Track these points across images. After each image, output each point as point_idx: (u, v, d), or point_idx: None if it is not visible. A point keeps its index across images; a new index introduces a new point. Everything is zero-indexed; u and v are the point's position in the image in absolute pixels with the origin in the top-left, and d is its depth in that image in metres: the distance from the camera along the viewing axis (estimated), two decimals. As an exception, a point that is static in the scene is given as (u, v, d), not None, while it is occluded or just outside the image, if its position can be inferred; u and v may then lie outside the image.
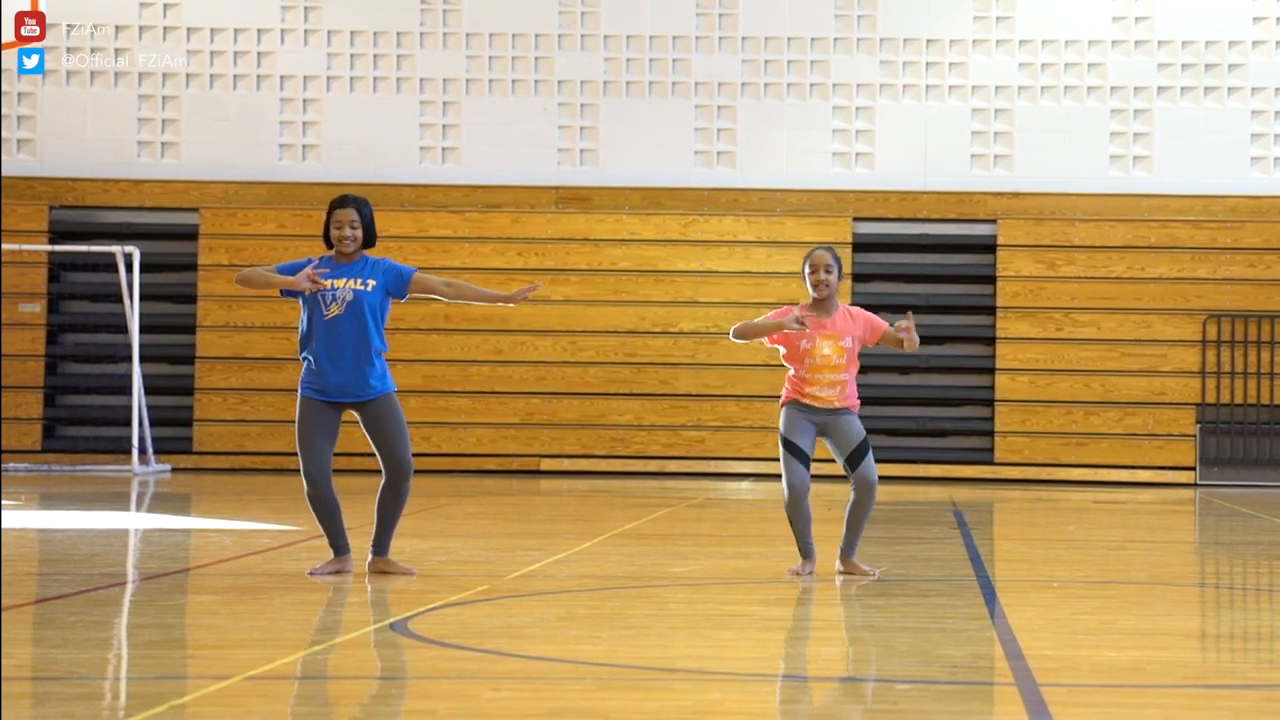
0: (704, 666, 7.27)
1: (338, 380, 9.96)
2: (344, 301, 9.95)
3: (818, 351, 10.31)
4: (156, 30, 24.68)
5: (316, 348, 9.98)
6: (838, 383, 10.31)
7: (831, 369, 10.31)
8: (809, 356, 10.32)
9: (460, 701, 6.49)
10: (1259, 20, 24.40)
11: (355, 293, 9.96)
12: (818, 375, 10.31)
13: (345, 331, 9.94)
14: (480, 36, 24.72)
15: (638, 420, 24.39)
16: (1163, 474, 23.95)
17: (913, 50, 24.56)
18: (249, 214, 24.19)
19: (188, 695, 6.49)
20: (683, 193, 24.55)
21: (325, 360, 9.96)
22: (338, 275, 10.00)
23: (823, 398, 10.32)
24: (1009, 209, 24.40)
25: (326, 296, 9.96)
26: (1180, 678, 7.21)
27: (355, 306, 9.95)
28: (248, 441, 24.38)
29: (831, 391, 10.31)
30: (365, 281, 9.99)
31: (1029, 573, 11.59)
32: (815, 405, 10.35)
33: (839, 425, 10.37)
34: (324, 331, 9.96)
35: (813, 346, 10.32)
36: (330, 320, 9.94)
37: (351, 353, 9.95)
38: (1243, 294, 24.19)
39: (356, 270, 10.04)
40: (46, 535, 13.23)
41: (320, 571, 10.12)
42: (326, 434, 10.04)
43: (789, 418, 10.41)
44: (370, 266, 10.07)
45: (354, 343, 9.95)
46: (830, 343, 10.32)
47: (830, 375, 10.31)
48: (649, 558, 11.99)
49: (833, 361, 10.30)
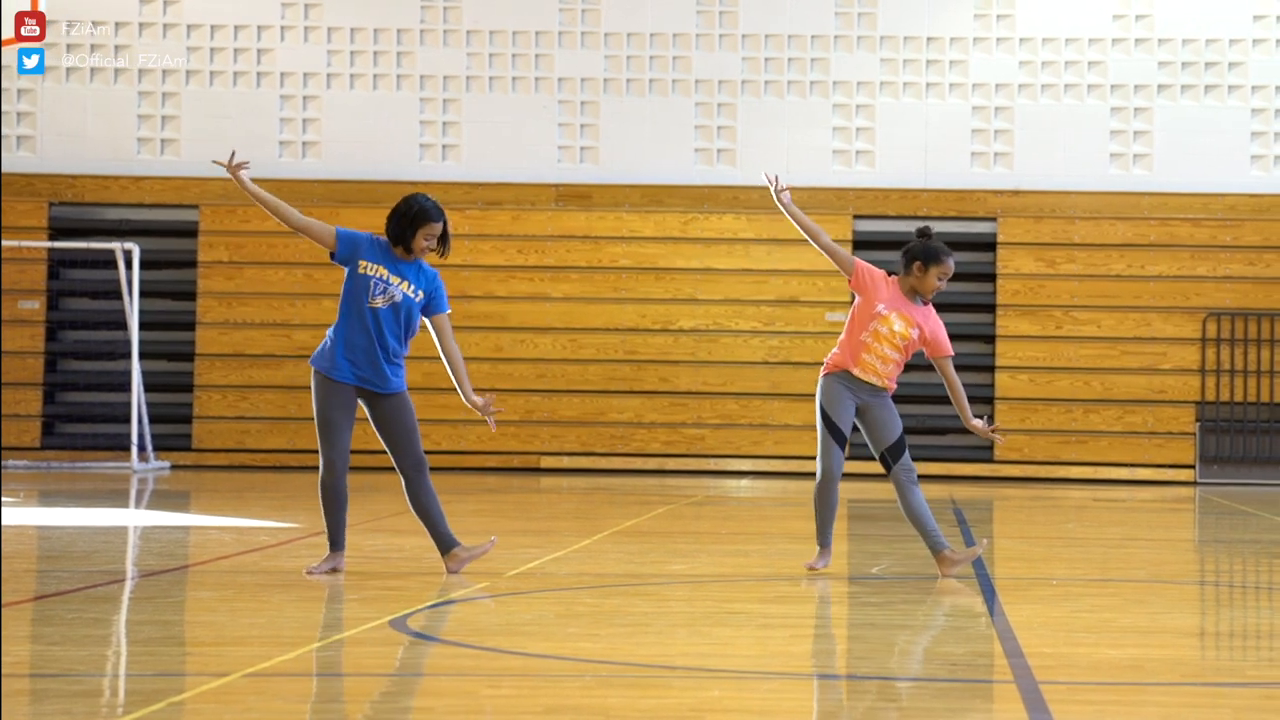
0: (703, 664, 7.26)
1: (352, 366, 9.96)
2: (391, 299, 9.95)
3: (889, 322, 10.26)
4: (156, 27, 24.68)
5: (345, 327, 9.96)
6: (891, 360, 10.26)
7: (892, 345, 10.25)
8: (879, 322, 10.26)
9: (459, 699, 6.48)
10: (1259, 18, 24.39)
11: (405, 296, 9.97)
12: (878, 344, 10.24)
13: (380, 325, 9.94)
14: (481, 34, 24.72)
15: (637, 418, 24.39)
16: (1162, 472, 23.95)
17: (913, 48, 24.56)
18: (249, 211, 24.17)
19: (186, 692, 6.49)
20: (683, 190, 24.55)
21: (343, 343, 9.95)
22: (395, 271, 9.99)
23: (873, 369, 10.27)
24: (1009, 207, 24.40)
25: (376, 285, 9.94)
26: (1179, 675, 7.21)
27: (398, 307, 9.96)
28: (247, 439, 24.37)
29: (884, 368, 10.27)
30: (416, 290, 10.00)
31: (1028, 570, 11.59)
32: (862, 379, 10.29)
33: (878, 410, 10.33)
34: (359, 317, 9.95)
35: (887, 314, 10.26)
36: (371, 309, 9.95)
37: (377, 346, 9.94)
38: (1242, 292, 24.19)
39: (412, 274, 10.03)
40: (45, 532, 13.23)
41: (317, 570, 10.11)
42: (350, 423, 10.00)
43: (832, 390, 10.33)
44: (423, 276, 10.06)
45: (383, 338, 9.95)
46: (904, 323, 10.26)
47: (888, 350, 10.25)
48: (648, 555, 11.99)
49: (895, 341, 10.24)
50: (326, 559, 10.17)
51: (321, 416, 9.99)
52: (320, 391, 10.00)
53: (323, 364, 10.00)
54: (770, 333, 24.39)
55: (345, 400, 10.00)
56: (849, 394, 10.32)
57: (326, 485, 10.06)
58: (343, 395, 9.99)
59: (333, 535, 10.17)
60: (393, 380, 10.03)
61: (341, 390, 9.99)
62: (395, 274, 9.99)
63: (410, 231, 9.99)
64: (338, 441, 10.00)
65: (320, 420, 10.00)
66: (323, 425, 9.99)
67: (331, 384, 9.98)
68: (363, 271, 9.96)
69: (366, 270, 9.96)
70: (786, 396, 24.15)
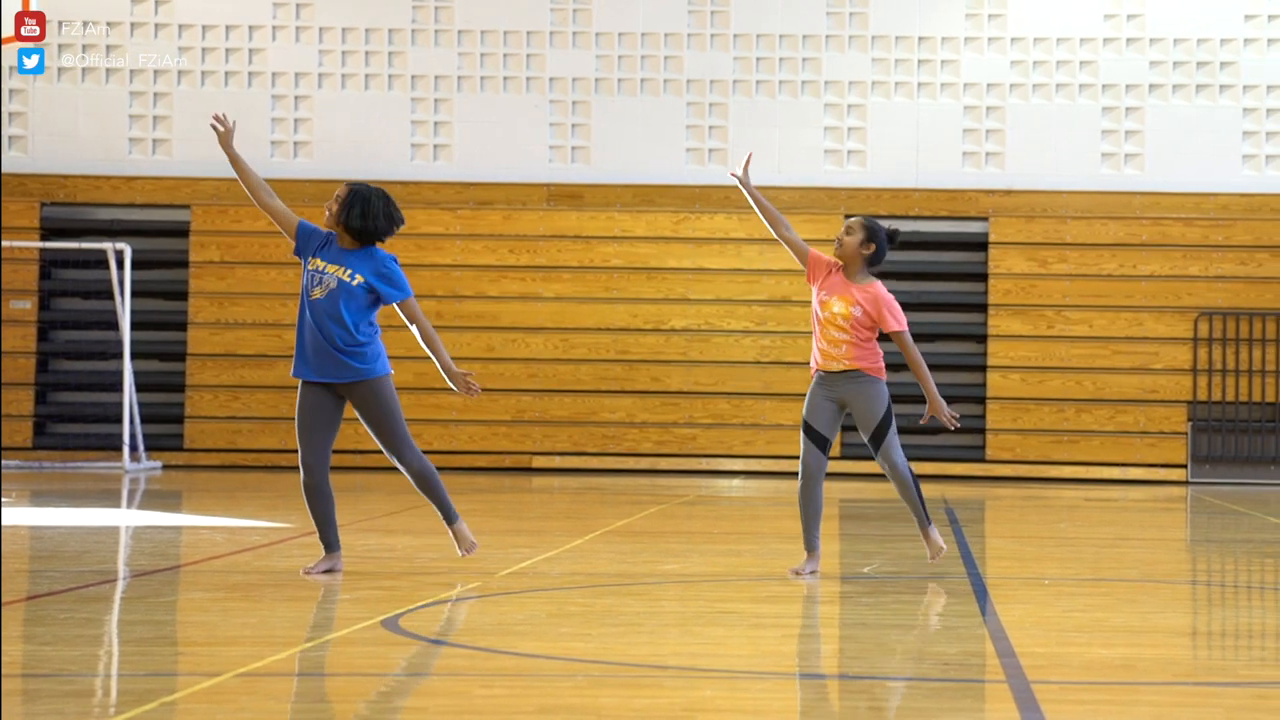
0: (695, 664, 7.26)
1: (309, 360, 9.96)
2: (326, 287, 9.94)
3: (829, 305, 10.38)
4: (148, 27, 24.66)
5: (298, 327, 10.01)
6: (841, 341, 10.33)
7: (837, 327, 10.32)
8: (821, 308, 10.42)
9: (451, 699, 6.48)
10: (1250, 18, 24.41)
11: (340, 281, 9.94)
12: (826, 329, 10.37)
13: (318, 316, 9.92)
14: (472, 33, 24.71)
15: (629, 418, 24.39)
16: (1154, 472, 23.96)
17: (904, 48, 24.56)
18: (240, 211, 24.16)
19: (178, 692, 6.48)
20: (674, 190, 24.55)
21: (298, 341, 10.01)
22: (334, 260, 9.99)
23: (830, 355, 10.37)
24: (1000, 206, 24.41)
25: (313, 277, 9.96)
26: (1171, 675, 7.21)
27: (334, 294, 9.92)
28: (239, 438, 24.36)
29: (838, 350, 10.34)
30: (354, 274, 9.95)
31: (1020, 570, 11.59)
32: (829, 370, 10.36)
33: (858, 396, 10.39)
34: (303, 312, 9.98)
35: (829, 299, 10.36)
36: (313, 301, 9.95)
37: (321, 337, 9.91)
38: (1234, 292, 24.20)
39: (354, 261, 10.00)
40: (37, 532, 13.22)
41: (314, 570, 10.11)
42: (324, 422, 10.00)
43: (810, 397, 10.47)
44: (370, 261, 10.01)
45: (324, 329, 9.91)
46: (843, 303, 10.33)
47: (835, 333, 10.32)
48: (640, 555, 11.99)
49: (838, 322, 10.30)
50: (323, 560, 10.17)
51: (298, 420, 10.04)
52: (299, 397, 10.05)
53: (295, 369, 10.06)
54: (762, 332, 24.39)
55: (316, 400, 9.99)
56: (823, 396, 10.43)
57: (307, 487, 10.07)
58: (312, 395, 9.99)
59: (323, 536, 10.16)
60: (355, 368, 9.95)
61: (310, 391, 9.99)
62: (334, 263, 9.96)
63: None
64: (311, 443, 10.00)
65: (297, 424, 10.05)
66: (298, 428, 10.04)
67: (306, 387, 10.02)
68: (309, 268, 10.01)
69: (310, 266, 10.01)
70: (778, 396, 24.16)
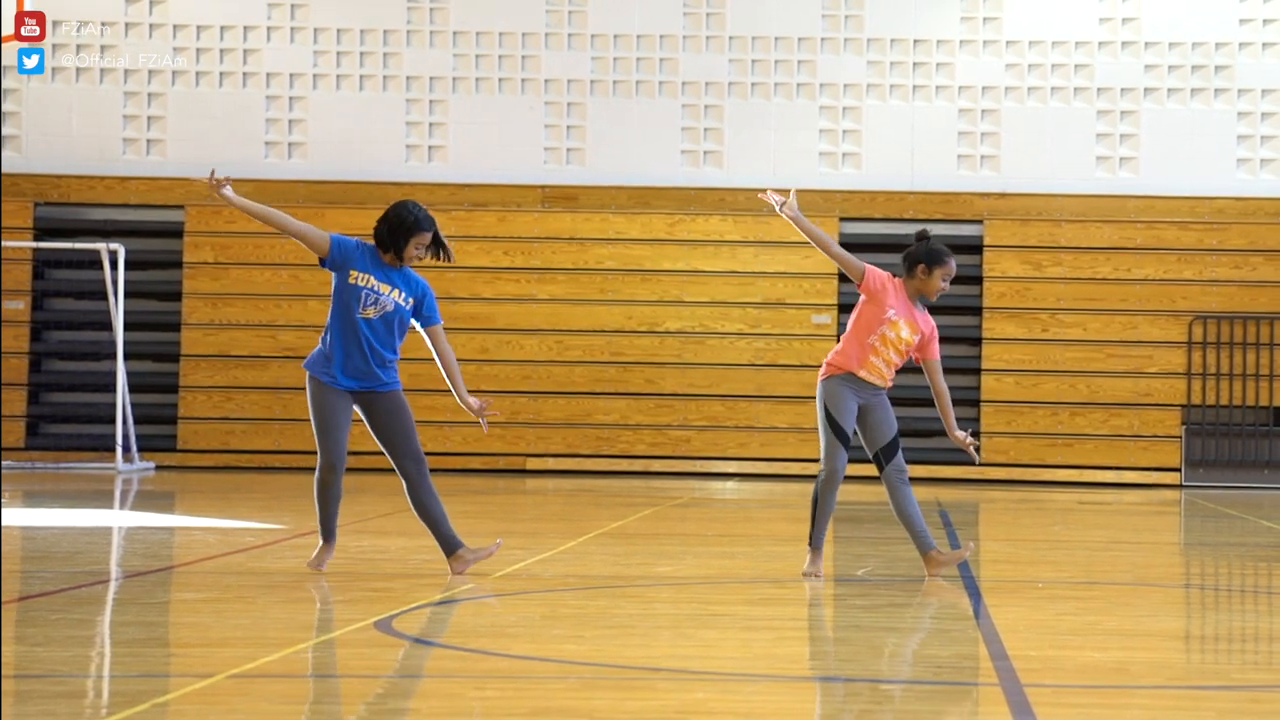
0: (688, 666, 7.26)
1: (348, 374, 9.98)
2: (382, 309, 9.96)
3: (898, 327, 10.32)
4: (143, 27, 24.64)
5: (340, 338, 9.97)
6: (894, 364, 10.38)
7: (898, 351, 10.33)
8: (888, 327, 10.32)
9: (444, 700, 6.47)
10: (1245, 22, 24.42)
11: (396, 305, 9.98)
12: (885, 349, 10.32)
13: (372, 335, 9.96)
14: (467, 35, 24.71)
15: (623, 419, 24.38)
16: (1148, 475, 23.97)
17: (900, 50, 24.57)
18: (234, 211, 23.96)
19: (171, 693, 6.47)
20: (669, 192, 24.54)
21: (341, 352, 9.96)
22: (384, 279, 10.00)
23: (878, 372, 10.36)
24: (995, 210, 24.41)
25: (366, 295, 9.95)
26: (1164, 679, 7.21)
27: (389, 317, 9.98)
28: (232, 439, 24.34)
29: (888, 371, 10.38)
30: (407, 297, 10.02)
31: (1014, 573, 11.59)
32: (867, 380, 10.36)
33: (877, 410, 10.42)
34: (352, 328, 9.95)
35: (897, 320, 10.32)
36: (364, 319, 9.95)
37: (370, 356, 9.97)
38: (1228, 295, 24.21)
39: (401, 281, 10.04)
40: (30, 533, 13.20)
41: (322, 563, 10.22)
42: (345, 422, 10.08)
43: (836, 393, 10.38)
44: (413, 284, 10.08)
45: (376, 348, 9.97)
46: (910, 329, 10.33)
47: (894, 355, 10.33)
48: (634, 557, 11.98)
49: (900, 346, 10.32)
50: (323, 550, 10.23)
51: (321, 419, 10.03)
52: (318, 396, 10.03)
53: (320, 372, 10.01)
54: (756, 335, 24.39)
55: (343, 405, 10.07)
56: (852, 394, 10.38)
57: (326, 485, 10.10)
58: (341, 400, 10.04)
59: (326, 526, 10.23)
60: (387, 380, 10.08)
61: (340, 396, 10.03)
62: (385, 282, 10.00)
63: (403, 240, 10.00)
64: (338, 442, 10.06)
65: (320, 423, 10.03)
66: (322, 428, 10.02)
67: (329, 390, 10.01)
68: (353, 281, 9.95)
69: (357, 280, 9.95)
70: (773, 398, 24.15)
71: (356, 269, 9.96)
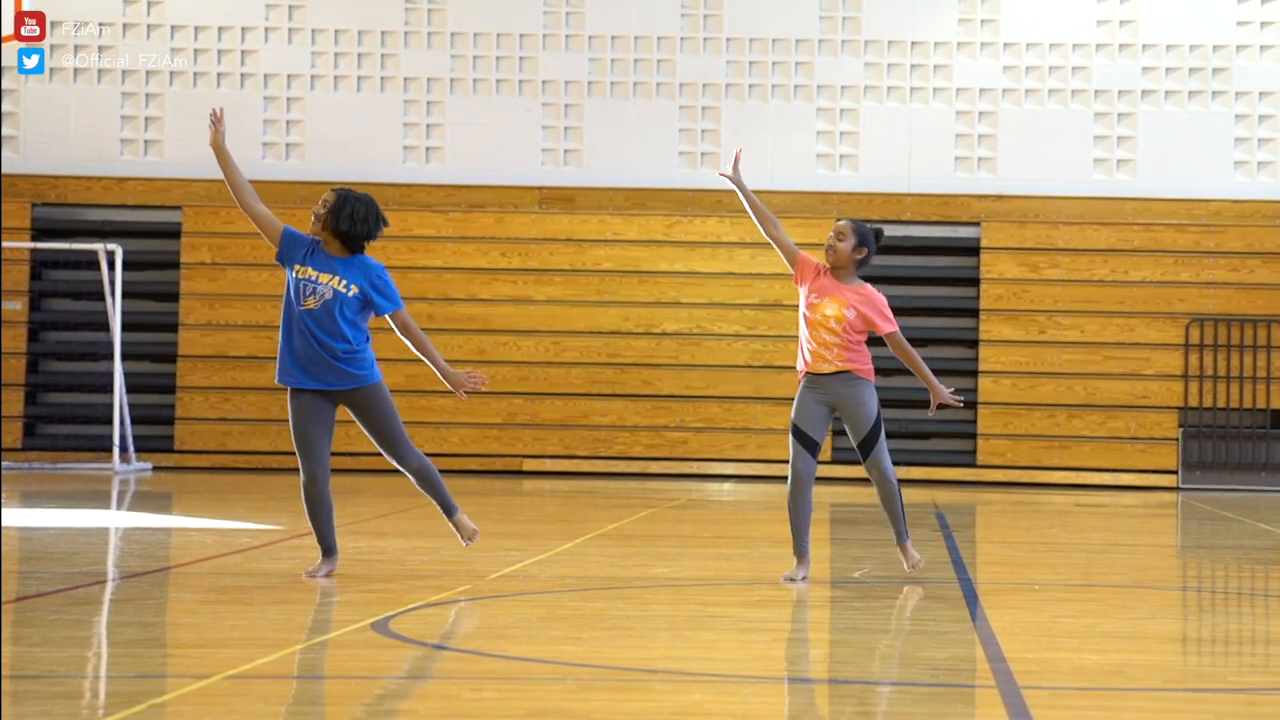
0: (685, 668, 7.26)
1: (302, 368, 9.89)
2: (321, 298, 9.88)
3: (820, 308, 10.33)
4: (140, 28, 24.64)
5: (285, 333, 9.92)
6: (832, 344, 10.30)
7: (828, 330, 10.29)
8: (811, 310, 10.36)
9: (441, 701, 6.47)
10: (1243, 24, 24.43)
11: (335, 292, 9.90)
12: (816, 332, 10.32)
13: (316, 325, 9.86)
14: (465, 36, 24.70)
15: (620, 421, 24.38)
16: (1145, 477, 23.97)
17: (897, 52, 24.57)
18: (232, 212, 24.12)
19: (167, 694, 6.47)
20: (667, 194, 24.54)
21: (287, 345, 9.90)
22: (323, 268, 9.93)
23: (820, 357, 10.33)
24: (993, 212, 24.42)
25: (304, 286, 9.88)
26: (1161, 681, 7.21)
27: (329, 304, 9.86)
28: (229, 440, 24.34)
29: (830, 352, 10.31)
30: (349, 284, 9.91)
31: (1011, 575, 11.59)
32: (819, 372, 10.34)
33: (849, 399, 10.35)
34: (295, 322, 9.89)
35: (819, 301, 10.33)
36: (305, 311, 9.88)
37: (318, 347, 9.85)
38: (1226, 298, 24.22)
39: (343, 268, 9.94)
40: (27, 533, 13.20)
41: (318, 574, 10.10)
42: (324, 429, 9.94)
43: (799, 399, 10.43)
44: (361, 270, 9.95)
45: (320, 340, 9.86)
46: (836, 304, 10.30)
47: (826, 335, 10.29)
48: (631, 559, 11.98)
49: (830, 325, 10.28)
50: (323, 563, 10.14)
51: (296, 430, 9.94)
52: (291, 405, 9.96)
53: (284, 377, 9.95)
54: (753, 336, 24.39)
55: (313, 408, 9.93)
56: (814, 399, 10.37)
57: (311, 497, 10.02)
58: (311, 405, 9.92)
59: (323, 542, 10.14)
60: (354, 374, 9.93)
61: (309, 400, 9.92)
62: (324, 271, 9.88)
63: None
64: (316, 453, 9.96)
65: (296, 434, 9.94)
66: (299, 438, 9.94)
67: (297, 395, 9.93)
68: (295, 275, 9.91)
69: (297, 274, 9.90)
70: (769, 400, 24.15)
71: (299, 262, 9.92)
